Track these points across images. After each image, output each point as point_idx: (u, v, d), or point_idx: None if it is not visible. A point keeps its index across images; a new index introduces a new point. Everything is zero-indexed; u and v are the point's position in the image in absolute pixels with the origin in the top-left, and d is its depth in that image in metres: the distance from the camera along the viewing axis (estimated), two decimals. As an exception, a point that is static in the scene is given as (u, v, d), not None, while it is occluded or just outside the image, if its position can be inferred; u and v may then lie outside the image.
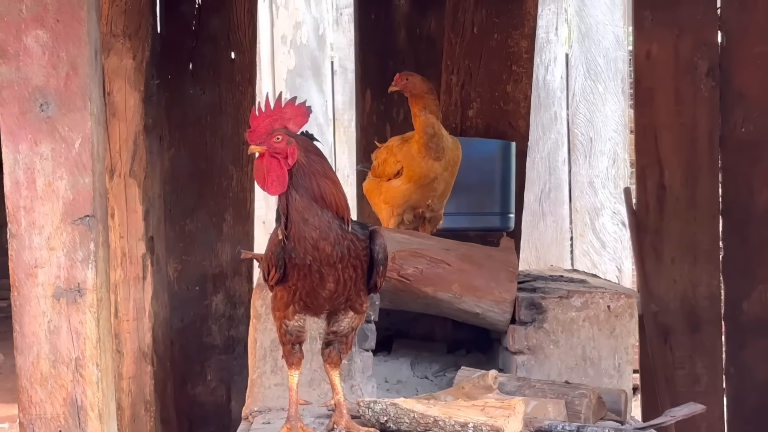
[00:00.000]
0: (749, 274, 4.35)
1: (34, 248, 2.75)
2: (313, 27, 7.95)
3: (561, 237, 7.93)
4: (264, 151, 2.57)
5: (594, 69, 7.86)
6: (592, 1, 7.81)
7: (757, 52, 4.27)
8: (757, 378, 4.38)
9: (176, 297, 4.21)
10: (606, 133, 7.82)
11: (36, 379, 2.78)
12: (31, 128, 2.73)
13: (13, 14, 2.72)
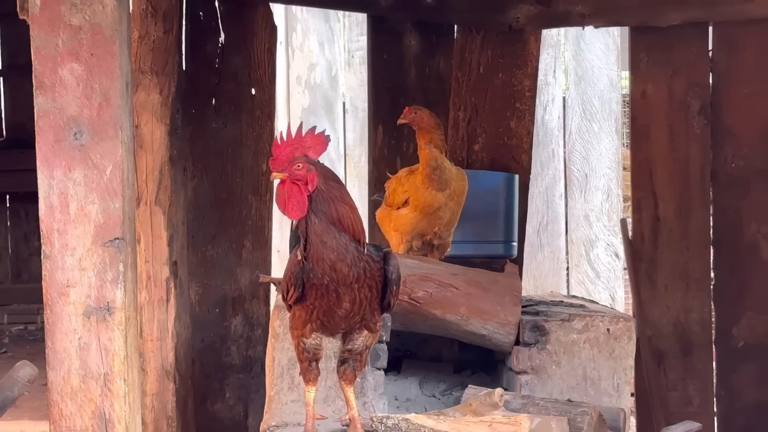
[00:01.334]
0: (738, 302, 4.33)
1: (67, 269, 2.73)
2: (326, 68, 7.96)
3: (558, 267, 7.92)
4: (285, 177, 2.55)
5: (589, 110, 7.86)
6: (588, 47, 7.83)
7: (746, 93, 4.26)
8: (746, 400, 4.36)
9: (197, 318, 4.18)
10: (600, 170, 7.82)
11: (66, 393, 2.75)
12: (65, 155, 2.71)
13: (49, 48, 2.70)
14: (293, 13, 7.75)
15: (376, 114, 4.36)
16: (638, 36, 4.30)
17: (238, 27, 4.16)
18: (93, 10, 2.71)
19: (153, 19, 3.98)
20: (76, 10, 2.70)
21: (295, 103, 7.79)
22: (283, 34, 7.80)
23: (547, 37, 7.83)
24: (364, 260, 2.62)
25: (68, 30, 2.71)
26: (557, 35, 7.75)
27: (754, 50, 4.26)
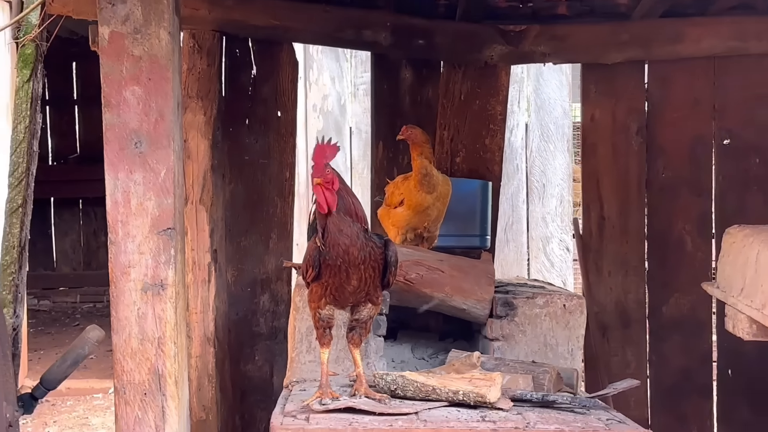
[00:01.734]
0: (667, 285, 4.30)
1: (128, 252, 2.70)
2: (336, 99, 7.96)
3: (520, 258, 7.93)
4: (322, 182, 2.55)
5: (546, 133, 7.88)
6: (546, 82, 7.84)
7: (675, 117, 4.24)
8: (673, 365, 4.33)
9: (233, 296, 4.14)
10: (555, 181, 7.84)
11: (127, 353, 2.71)
12: (127, 161, 2.68)
13: (115, 74, 2.67)
14: (310, 53, 7.74)
15: (377, 133, 4.33)
16: (588, 71, 4.26)
17: (267, 62, 4.12)
18: (151, 43, 2.68)
19: (199, 54, 3.95)
20: (137, 43, 2.67)
21: (311, 126, 7.79)
22: (302, 70, 7.79)
23: (513, 75, 7.84)
24: (369, 245, 2.61)
25: (131, 59, 2.68)
26: (521, 73, 7.75)
27: (682, 83, 4.23)
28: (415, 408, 2.66)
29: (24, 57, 4.01)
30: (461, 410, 2.69)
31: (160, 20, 2.68)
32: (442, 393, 2.71)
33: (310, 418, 2.60)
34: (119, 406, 2.73)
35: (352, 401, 2.65)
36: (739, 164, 4.24)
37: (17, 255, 3.95)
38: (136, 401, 2.73)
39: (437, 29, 4.09)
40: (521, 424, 2.57)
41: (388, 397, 2.72)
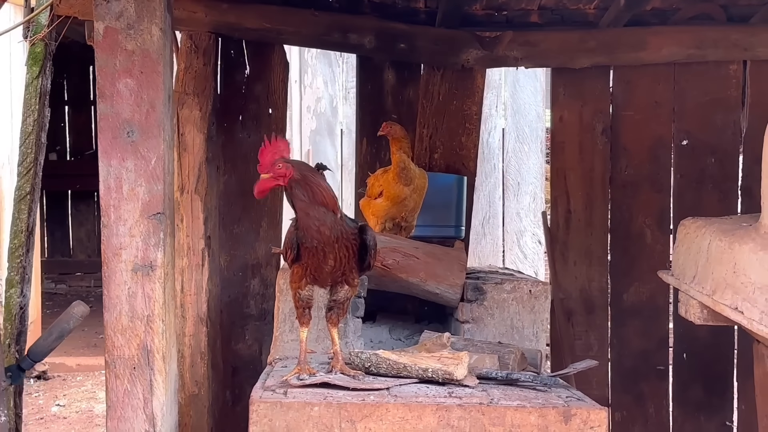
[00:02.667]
0: (628, 274, 4.23)
1: (120, 235, 2.62)
2: (329, 101, 7.88)
3: (496, 250, 7.87)
4: (271, 176, 2.52)
5: (521, 135, 7.82)
6: (522, 89, 7.78)
7: (637, 119, 4.18)
8: (632, 348, 4.27)
9: (225, 279, 4.06)
10: (529, 179, 7.79)
11: (118, 330, 2.64)
12: (120, 149, 2.61)
13: (109, 66, 2.60)
14: (305, 59, 7.66)
15: (362, 130, 4.26)
16: (557, 75, 4.19)
17: (260, 62, 4.03)
18: (143, 38, 2.60)
19: (195, 54, 3.87)
20: (130, 38, 2.60)
21: (305, 127, 7.71)
22: (297, 74, 7.71)
23: (491, 81, 7.77)
24: (340, 225, 2.55)
25: (124, 53, 2.60)
26: (498, 79, 7.69)
27: (644, 87, 4.17)
28: (387, 384, 2.58)
29: (34, 55, 3.92)
30: (430, 387, 2.62)
31: (152, 17, 2.60)
32: (413, 370, 2.64)
33: (288, 392, 2.53)
34: (110, 380, 2.66)
35: (328, 377, 2.58)
36: (696, 163, 4.18)
37: (25, 239, 3.86)
38: (126, 375, 2.65)
39: (418, 34, 4.01)
40: (485, 399, 2.50)
41: (362, 373, 2.65)
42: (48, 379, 7.53)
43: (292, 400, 2.46)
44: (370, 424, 2.44)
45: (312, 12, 3.91)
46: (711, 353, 4.21)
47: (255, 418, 2.44)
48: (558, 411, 2.46)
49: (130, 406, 2.65)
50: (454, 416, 2.45)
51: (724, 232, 2.49)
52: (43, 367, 7.58)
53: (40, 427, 6.19)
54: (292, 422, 2.43)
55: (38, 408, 6.67)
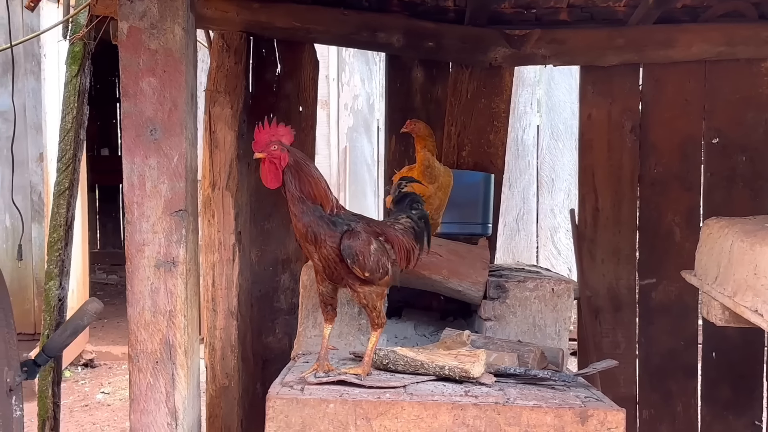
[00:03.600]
0: (656, 272, 4.12)
1: (143, 232, 2.60)
2: (365, 98, 7.83)
3: (530, 246, 7.76)
4: (265, 156, 2.48)
5: (556, 132, 7.68)
6: (556, 86, 7.64)
7: (666, 117, 4.06)
8: (660, 346, 4.16)
9: (256, 274, 4.04)
10: (563, 176, 7.66)
11: (141, 325, 2.62)
12: (143, 147, 2.58)
13: (133, 66, 2.57)
14: (343, 57, 7.62)
15: (391, 128, 4.19)
16: (586, 73, 4.09)
17: (290, 61, 3.99)
18: (166, 38, 2.57)
19: (227, 53, 3.83)
20: (153, 37, 2.57)
21: (342, 123, 7.67)
22: (335, 72, 7.67)
23: (526, 78, 7.67)
24: (318, 224, 2.47)
25: (147, 52, 2.57)
26: (533, 77, 7.57)
27: (673, 85, 4.04)
28: (403, 382, 2.53)
29: (73, 54, 3.94)
30: (447, 384, 2.56)
31: (175, 16, 2.57)
32: (430, 368, 2.58)
33: (305, 388, 2.49)
34: (133, 373, 2.64)
35: (344, 375, 2.53)
36: (726, 162, 4.05)
37: (63, 233, 3.88)
38: (149, 369, 2.63)
39: (445, 32, 3.93)
40: (501, 399, 2.43)
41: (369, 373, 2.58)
42: (95, 367, 7.60)
43: (308, 396, 2.42)
44: (385, 421, 2.39)
45: (341, 11, 3.85)
46: (740, 352, 4.08)
47: (271, 413, 2.41)
48: (574, 411, 2.38)
49: (153, 400, 2.63)
50: (469, 415, 2.38)
51: (746, 232, 2.39)
52: (90, 355, 7.67)
53: (84, 414, 6.24)
54: (307, 418, 2.39)
55: (84, 395, 6.73)
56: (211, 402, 3.91)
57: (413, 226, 2.71)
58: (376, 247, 2.50)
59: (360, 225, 2.52)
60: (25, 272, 7.12)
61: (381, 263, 2.52)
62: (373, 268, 2.48)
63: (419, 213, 2.76)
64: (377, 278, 2.51)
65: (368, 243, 2.48)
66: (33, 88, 7.04)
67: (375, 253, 2.49)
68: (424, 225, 2.74)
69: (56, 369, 3.86)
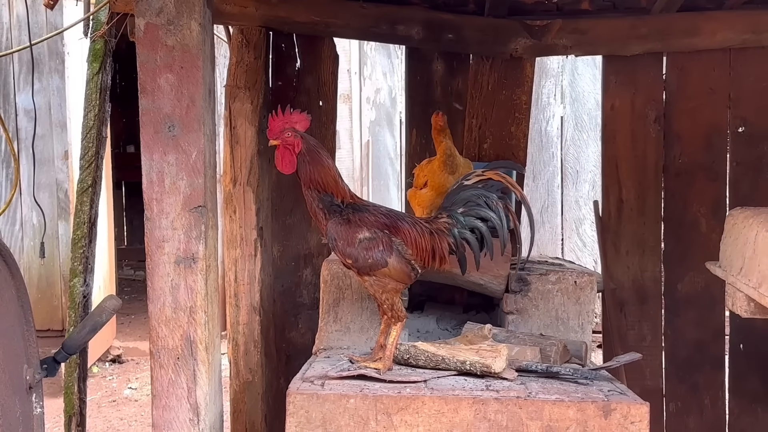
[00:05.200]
0: (682, 264, 4.06)
1: (163, 228, 2.60)
2: (388, 92, 7.80)
3: (555, 239, 7.70)
4: (279, 143, 2.53)
5: (580, 123, 7.62)
6: (580, 76, 7.58)
7: (691, 106, 4.00)
8: (687, 338, 4.10)
9: (278, 269, 4.04)
10: (588, 167, 7.59)
11: (162, 321, 2.62)
12: (161, 143, 2.58)
13: (150, 62, 2.57)
14: (365, 51, 7.60)
15: (411, 121, 4.16)
16: (609, 63, 4.04)
17: (310, 55, 3.98)
18: (183, 34, 2.56)
19: (246, 48, 3.83)
20: (170, 33, 2.56)
21: (365, 117, 7.65)
22: (357, 66, 7.66)
23: (550, 69, 7.59)
24: (323, 211, 2.56)
25: (164, 49, 2.57)
26: (557, 67, 7.50)
27: (698, 74, 3.98)
28: (423, 377, 2.51)
29: (94, 52, 3.95)
30: (468, 379, 2.54)
31: (191, 12, 2.56)
32: (451, 363, 2.56)
33: (325, 384, 2.48)
34: (154, 369, 2.64)
35: (364, 369, 2.52)
36: (752, 151, 3.98)
37: (87, 230, 3.90)
38: (170, 365, 2.64)
39: (465, 24, 3.90)
40: (523, 393, 2.41)
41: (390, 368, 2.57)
42: (122, 363, 7.66)
43: (329, 392, 2.41)
44: (406, 416, 2.37)
45: (360, 4, 3.84)
46: (769, 344, 4.02)
47: (292, 409, 2.40)
48: (597, 405, 2.36)
49: (175, 396, 2.64)
50: (490, 410, 2.37)
51: (771, 222, 2.35)
52: (118, 351, 7.73)
53: (112, 409, 6.30)
54: (328, 414, 2.39)
55: (111, 391, 6.79)
56: (236, 397, 3.92)
57: (452, 229, 2.66)
58: (368, 236, 2.51)
59: (361, 214, 2.53)
60: (53, 269, 7.17)
61: (371, 253, 2.52)
62: (356, 255, 2.51)
63: (473, 218, 2.68)
64: (365, 268, 2.52)
65: (355, 230, 2.51)
66: (57, 87, 7.08)
67: (363, 242, 2.49)
68: (470, 233, 2.67)
69: (82, 365, 3.88)
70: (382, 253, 2.52)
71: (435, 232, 2.63)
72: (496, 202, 2.66)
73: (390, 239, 2.54)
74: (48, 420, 5.51)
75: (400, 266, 2.55)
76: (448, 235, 2.64)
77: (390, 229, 2.56)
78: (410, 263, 2.58)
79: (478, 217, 2.66)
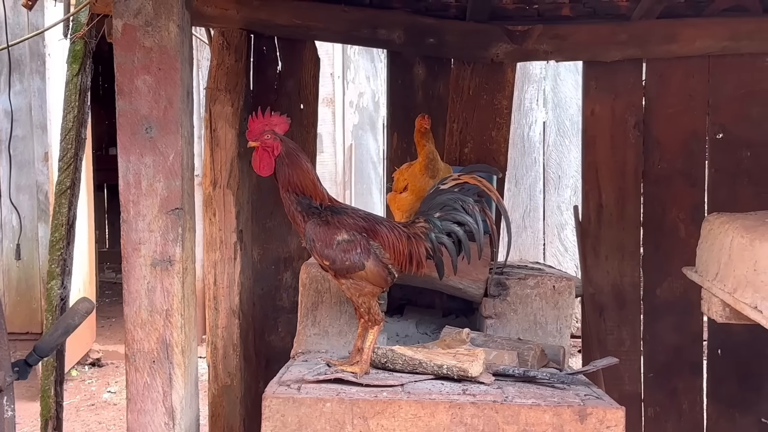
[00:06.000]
0: (661, 269, 4.07)
1: (139, 230, 2.59)
2: (371, 96, 7.80)
3: (537, 244, 7.72)
4: (258, 145, 2.51)
5: (562, 128, 7.64)
6: (563, 82, 7.61)
7: (670, 112, 4.02)
8: (665, 343, 4.11)
9: (258, 273, 4.02)
10: (570, 173, 7.62)
11: (138, 324, 2.60)
12: (138, 145, 2.57)
13: (128, 64, 2.56)
14: (348, 55, 7.59)
15: (393, 124, 4.17)
16: (589, 68, 4.06)
17: (292, 58, 3.97)
18: (161, 35, 2.56)
19: (227, 51, 3.82)
20: (148, 35, 2.56)
21: (348, 121, 7.64)
22: (340, 70, 7.65)
23: (532, 74, 7.62)
24: (301, 213, 2.56)
25: (142, 50, 2.56)
26: (539, 73, 7.53)
27: (677, 80, 4.00)
28: (400, 381, 2.51)
29: (74, 53, 3.93)
30: (445, 383, 2.54)
31: (169, 14, 2.56)
32: (428, 367, 2.56)
33: (302, 388, 2.47)
34: (130, 373, 2.63)
35: (341, 373, 2.51)
36: (730, 157, 4.01)
37: (65, 232, 3.88)
38: (146, 368, 2.62)
39: (447, 29, 3.90)
40: (500, 397, 2.41)
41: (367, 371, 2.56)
42: (102, 366, 7.61)
43: (305, 395, 2.40)
44: (382, 420, 2.37)
45: (342, 8, 3.83)
46: (746, 349, 4.04)
47: (267, 413, 2.39)
48: (573, 410, 2.36)
49: (150, 399, 2.62)
50: (467, 414, 2.36)
51: (746, 228, 2.36)
52: (98, 354, 7.67)
53: (90, 413, 6.25)
54: (304, 418, 2.37)
55: (90, 394, 6.74)
56: (214, 401, 3.90)
57: (429, 233, 2.65)
58: (346, 239, 2.51)
59: (339, 217, 2.53)
60: (32, 272, 7.12)
61: (348, 255, 2.52)
62: (334, 257, 2.51)
63: (450, 223, 2.67)
64: (342, 270, 2.52)
65: (334, 232, 2.52)
66: (38, 88, 7.03)
67: (341, 244, 2.49)
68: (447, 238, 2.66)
69: (58, 368, 3.85)
70: (359, 256, 2.51)
71: (412, 237, 2.63)
72: (473, 206, 2.65)
73: (368, 242, 2.53)
74: (26, 424, 5.46)
75: (377, 270, 2.54)
76: (425, 240, 2.63)
77: (368, 232, 2.56)
78: (387, 267, 2.57)
79: (455, 222, 2.66)
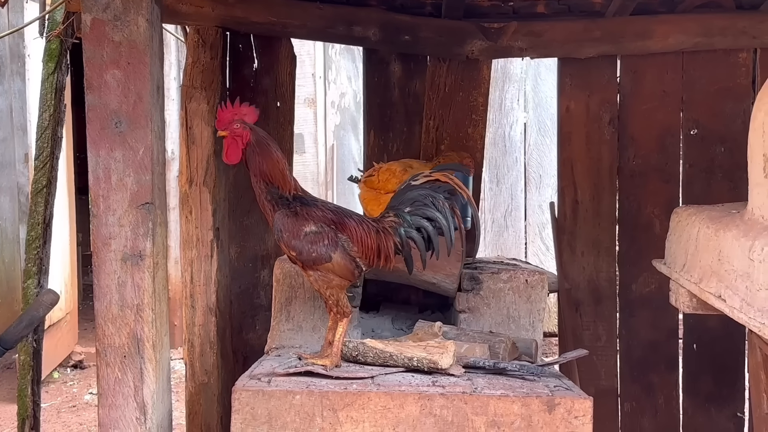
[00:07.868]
0: (636, 265, 4.08)
1: (109, 225, 2.58)
2: (352, 96, 7.81)
3: (518, 242, 7.75)
4: (227, 134, 2.54)
5: (543, 128, 7.68)
6: (543, 82, 7.64)
7: (645, 109, 4.04)
8: (641, 338, 4.13)
9: (235, 270, 4.01)
10: (551, 172, 7.65)
11: (108, 319, 2.60)
12: (108, 139, 2.57)
13: (97, 58, 2.55)
14: (329, 55, 7.60)
15: (369, 122, 4.17)
16: (564, 65, 4.07)
17: (268, 56, 3.96)
18: (130, 29, 2.55)
19: (203, 48, 3.80)
20: (117, 29, 2.55)
21: (329, 121, 7.66)
22: (322, 70, 7.65)
23: (513, 74, 7.65)
24: (270, 203, 2.61)
25: (111, 44, 2.55)
26: (520, 73, 7.56)
27: (651, 77, 4.02)
28: (371, 373, 2.52)
29: (49, 51, 3.92)
30: (416, 376, 2.54)
31: (138, 8, 2.55)
32: (399, 359, 2.56)
33: (272, 380, 2.47)
34: (101, 368, 2.62)
35: (311, 366, 2.51)
36: (704, 153, 4.03)
37: (42, 231, 3.86)
38: (116, 363, 2.61)
39: (422, 26, 3.91)
40: (469, 388, 2.42)
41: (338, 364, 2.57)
42: (84, 368, 7.58)
43: (274, 388, 2.40)
44: (351, 412, 2.37)
45: (317, 5, 3.83)
46: (721, 344, 4.06)
47: (237, 406, 2.39)
48: (542, 400, 2.37)
49: (121, 394, 2.62)
50: (436, 405, 2.37)
51: (711, 219, 2.38)
52: (80, 356, 7.64)
53: (71, 414, 6.22)
54: (273, 410, 2.38)
55: (72, 396, 6.71)
56: (191, 399, 3.89)
57: (398, 228, 2.66)
58: (314, 230, 2.51)
59: (308, 208, 2.54)
60: (14, 273, 7.09)
61: (315, 247, 2.53)
62: (301, 248, 2.52)
63: (420, 218, 2.69)
64: (309, 261, 2.53)
65: (301, 223, 2.53)
66: (19, 89, 7.01)
67: (308, 235, 2.49)
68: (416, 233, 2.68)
69: (35, 368, 3.83)
70: (326, 248, 2.52)
71: (381, 231, 2.64)
72: (443, 203, 2.66)
73: (336, 235, 2.54)
74: (6, 426, 5.44)
75: (344, 262, 2.55)
76: (394, 235, 2.64)
77: (336, 225, 2.56)
78: (355, 260, 2.58)
79: (425, 217, 2.67)
